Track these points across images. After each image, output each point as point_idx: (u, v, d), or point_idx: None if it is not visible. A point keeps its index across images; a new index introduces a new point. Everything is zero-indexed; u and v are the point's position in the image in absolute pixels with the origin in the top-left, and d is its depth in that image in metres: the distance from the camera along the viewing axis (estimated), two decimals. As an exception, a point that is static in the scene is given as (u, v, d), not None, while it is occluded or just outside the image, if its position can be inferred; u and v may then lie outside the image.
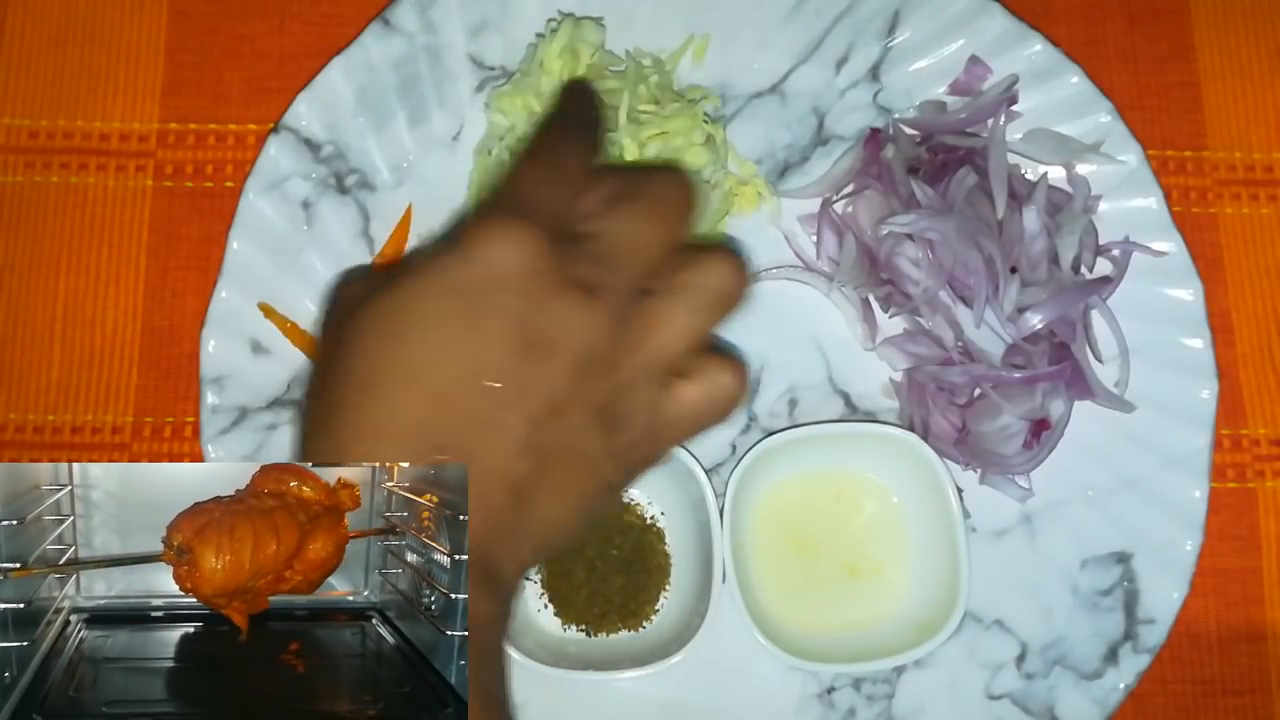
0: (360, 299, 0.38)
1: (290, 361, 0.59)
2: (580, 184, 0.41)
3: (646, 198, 0.40)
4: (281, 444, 0.58)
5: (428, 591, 0.47)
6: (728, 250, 0.41)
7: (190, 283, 0.61)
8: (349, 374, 0.38)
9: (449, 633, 0.44)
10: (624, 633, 0.57)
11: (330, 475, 0.50)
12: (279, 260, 0.59)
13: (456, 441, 0.36)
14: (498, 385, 0.36)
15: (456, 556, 0.43)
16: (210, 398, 0.57)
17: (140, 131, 0.63)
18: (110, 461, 0.59)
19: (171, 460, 0.60)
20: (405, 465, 0.50)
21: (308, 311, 0.59)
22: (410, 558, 0.50)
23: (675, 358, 0.39)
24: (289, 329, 0.58)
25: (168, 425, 0.60)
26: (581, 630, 0.57)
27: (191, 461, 0.59)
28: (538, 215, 0.38)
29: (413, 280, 0.38)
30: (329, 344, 0.39)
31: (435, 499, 0.47)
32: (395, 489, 0.52)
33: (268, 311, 0.58)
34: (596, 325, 0.37)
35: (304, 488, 0.50)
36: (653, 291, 0.39)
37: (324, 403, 0.38)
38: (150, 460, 0.59)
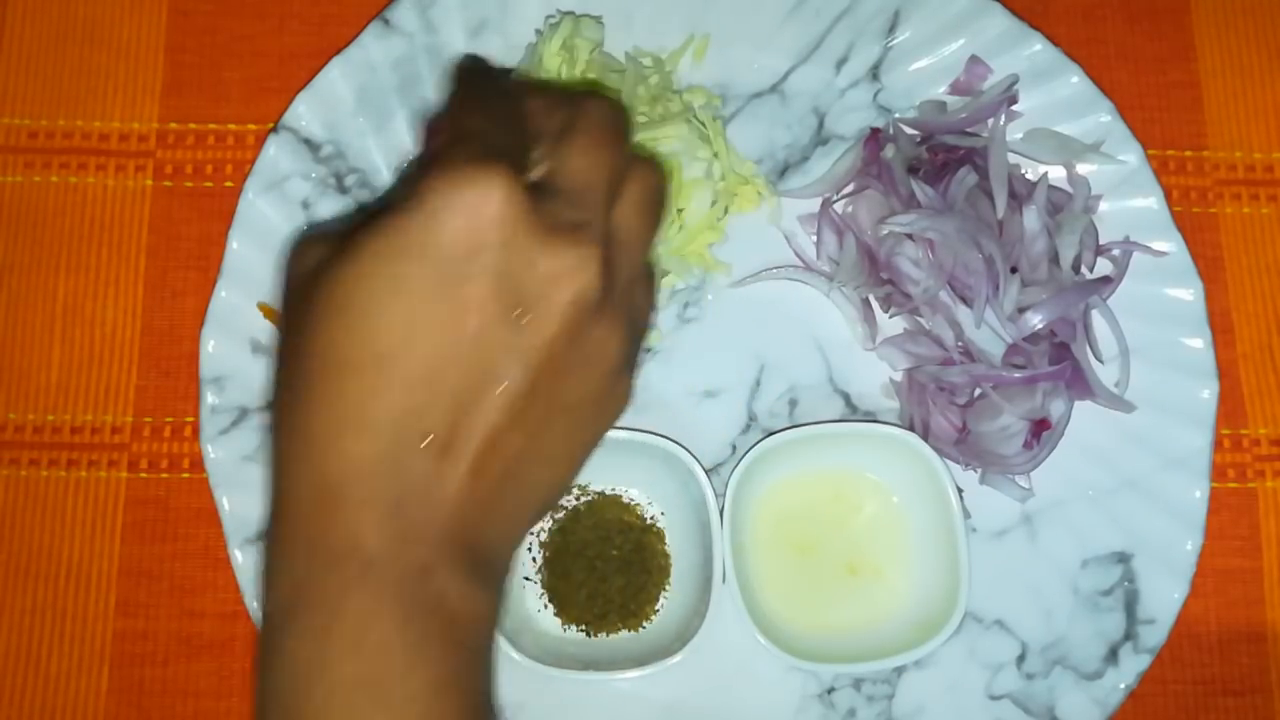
0: (317, 269, 0.34)
1: (290, 361, 0.58)
2: (518, 120, 0.37)
3: (590, 125, 0.37)
4: (281, 444, 0.58)
5: None
6: (649, 155, 0.40)
7: (190, 283, 0.61)
8: (313, 359, 0.33)
9: None
10: (624, 633, 0.57)
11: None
12: (279, 260, 0.59)
13: (443, 426, 0.33)
14: (481, 356, 0.33)
15: None
16: (210, 398, 0.57)
17: (140, 131, 0.63)
18: (110, 462, 0.59)
19: (171, 460, 0.60)
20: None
21: (308, 311, 0.59)
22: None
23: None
24: (289, 329, 0.58)
25: (168, 425, 0.60)
26: (581, 630, 0.57)
27: (191, 461, 0.59)
28: (497, 157, 0.33)
29: (371, 245, 0.33)
30: (291, 322, 0.35)
31: None
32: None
33: (268, 312, 0.58)
34: (591, 266, 0.33)
35: None
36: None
37: (292, 390, 0.34)
38: (150, 460, 0.59)
